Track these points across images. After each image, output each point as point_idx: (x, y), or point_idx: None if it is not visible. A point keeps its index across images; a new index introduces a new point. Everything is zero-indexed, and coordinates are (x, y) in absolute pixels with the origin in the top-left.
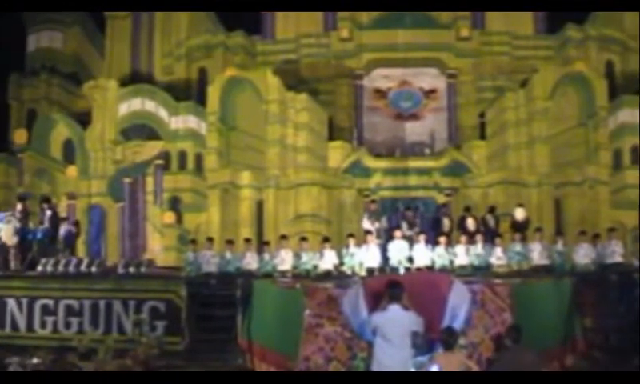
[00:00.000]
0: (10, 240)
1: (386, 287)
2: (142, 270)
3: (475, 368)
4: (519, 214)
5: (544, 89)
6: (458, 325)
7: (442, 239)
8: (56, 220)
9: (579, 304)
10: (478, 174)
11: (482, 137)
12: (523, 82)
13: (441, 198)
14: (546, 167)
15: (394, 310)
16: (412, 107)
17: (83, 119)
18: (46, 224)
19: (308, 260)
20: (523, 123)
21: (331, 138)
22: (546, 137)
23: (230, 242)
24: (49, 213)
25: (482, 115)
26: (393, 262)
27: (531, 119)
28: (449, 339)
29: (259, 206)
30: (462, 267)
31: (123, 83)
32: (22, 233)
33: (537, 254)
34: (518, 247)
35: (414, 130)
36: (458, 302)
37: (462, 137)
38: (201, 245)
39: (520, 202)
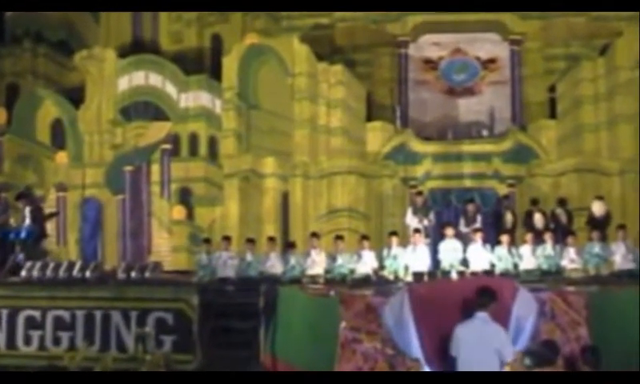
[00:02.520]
0: None
1: (476, 294)
2: (146, 274)
3: None
4: (597, 207)
5: (628, 56)
6: (523, 341)
7: (504, 238)
8: (40, 216)
9: None
10: (547, 160)
11: (552, 115)
12: (603, 48)
13: (502, 189)
14: (630, 151)
15: (481, 318)
16: (467, 80)
17: (75, 96)
18: (28, 221)
19: (344, 263)
20: (603, 98)
21: (370, 117)
22: (631, 115)
23: (250, 242)
24: (28, 209)
25: (552, 89)
26: (444, 265)
27: (613, 93)
28: (548, 353)
29: (285, 199)
30: (528, 272)
31: (123, 53)
32: (2, 232)
33: (619, 257)
34: (596, 248)
35: (469, 108)
36: (524, 314)
37: (528, 115)
38: (216, 245)
39: (598, 194)
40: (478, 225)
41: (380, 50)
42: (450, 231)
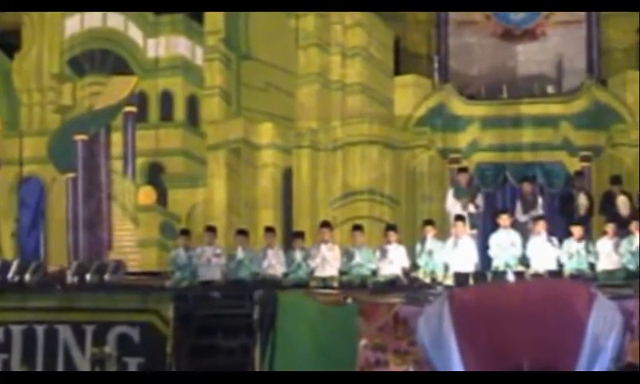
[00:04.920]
0: None
1: None
2: (105, 277)
3: None
4: None
5: None
6: (602, 364)
7: (576, 229)
8: None
9: None
10: (633, 125)
11: None
12: None
13: (573, 164)
14: None
15: None
16: (527, 20)
17: (9, 42)
18: None
19: (364, 261)
20: None
21: (399, 70)
22: None
23: (242, 234)
24: None
25: None
26: (497, 263)
27: None
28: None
29: (287, 178)
30: (609, 273)
31: None
32: None
33: None
34: None
35: (530, 57)
36: (604, 328)
37: (609, 65)
38: (197, 238)
39: None
40: (540, 211)
41: None
42: (504, 219)
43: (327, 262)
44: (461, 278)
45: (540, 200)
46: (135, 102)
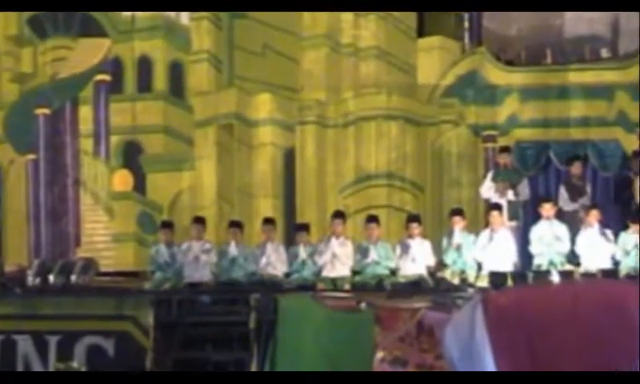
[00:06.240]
0: None
1: None
2: (73, 279)
3: None
4: None
5: None
6: None
7: (635, 220)
8: None
9: None
10: None
11: None
12: None
13: (630, 142)
14: None
15: None
16: None
17: None
18: None
19: (381, 258)
20: None
21: (423, 31)
22: None
23: (235, 226)
24: None
25: None
26: (539, 261)
27: None
28: None
29: (289, 159)
30: None
31: None
32: None
33: None
34: None
35: (579, 14)
36: None
37: None
38: (182, 232)
39: None
40: (586, 198)
41: None
42: (547, 209)
43: (338, 259)
44: (497, 278)
45: (589, 185)
46: (108, 70)
